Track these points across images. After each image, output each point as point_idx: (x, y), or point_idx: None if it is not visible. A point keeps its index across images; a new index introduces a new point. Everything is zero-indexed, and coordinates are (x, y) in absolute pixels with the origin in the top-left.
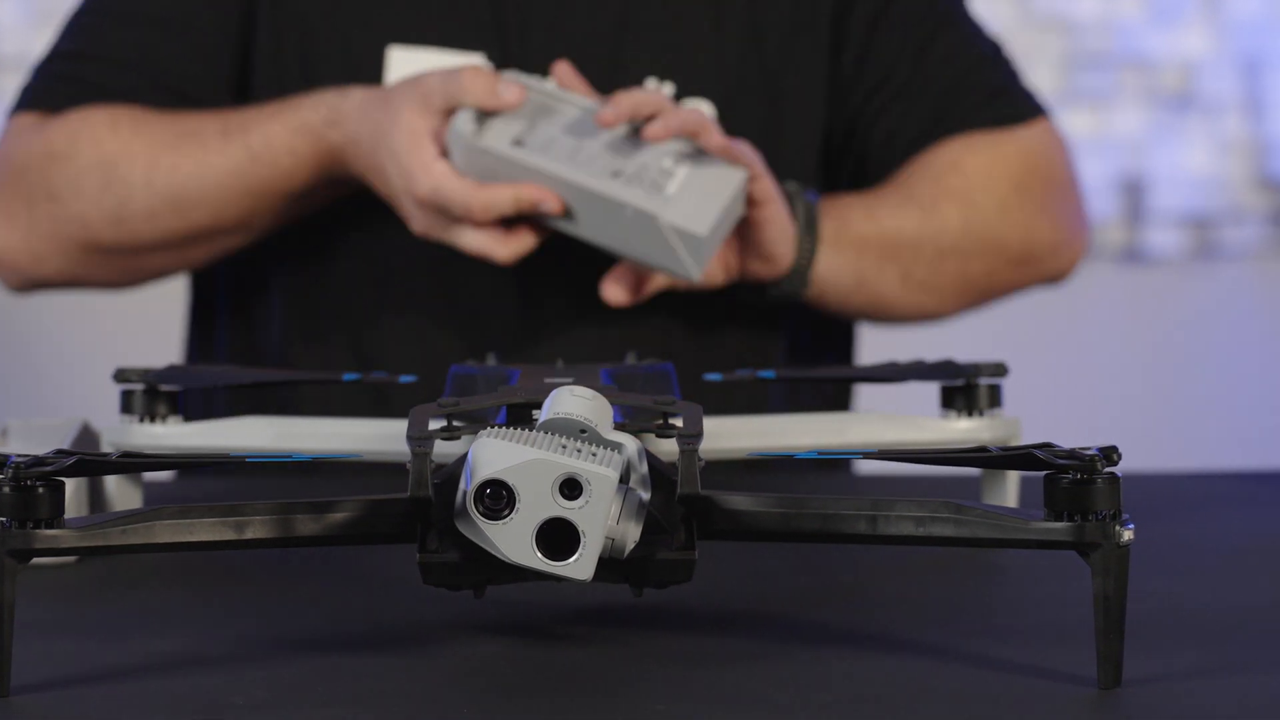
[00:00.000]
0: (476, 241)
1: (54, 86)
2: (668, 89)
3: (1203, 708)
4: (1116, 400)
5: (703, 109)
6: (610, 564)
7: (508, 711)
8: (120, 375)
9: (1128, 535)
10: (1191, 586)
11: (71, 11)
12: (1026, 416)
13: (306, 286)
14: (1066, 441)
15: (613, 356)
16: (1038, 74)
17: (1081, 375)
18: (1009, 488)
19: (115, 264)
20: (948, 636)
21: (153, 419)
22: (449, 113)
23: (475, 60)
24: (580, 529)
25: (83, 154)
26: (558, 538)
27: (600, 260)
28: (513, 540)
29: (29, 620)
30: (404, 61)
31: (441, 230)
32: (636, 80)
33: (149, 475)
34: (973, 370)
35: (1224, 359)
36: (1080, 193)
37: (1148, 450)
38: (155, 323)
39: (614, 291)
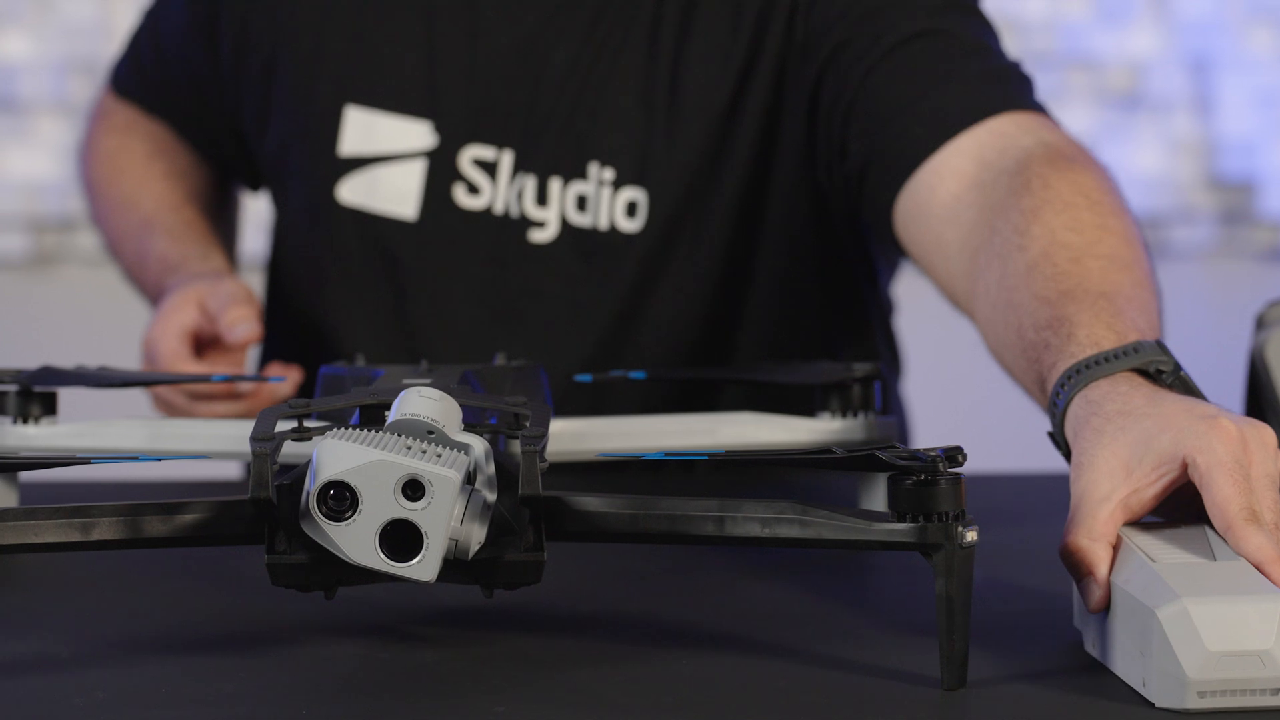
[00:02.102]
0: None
1: (135, 70)
2: (607, 174)
3: (1044, 709)
4: None
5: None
6: (459, 565)
7: (350, 712)
8: None
9: (971, 536)
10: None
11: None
12: (979, 415)
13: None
14: (1026, 441)
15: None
16: None
17: None
18: (882, 490)
19: None
20: (801, 637)
21: (25, 420)
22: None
23: (422, 127)
24: (423, 530)
25: (105, 160)
26: (401, 539)
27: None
28: (356, 541)
29: None
30: (358, 122)
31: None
32: (579, 162)
33: (33, 477)
34: (848, 371)
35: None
36: None
37: None
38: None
39: None
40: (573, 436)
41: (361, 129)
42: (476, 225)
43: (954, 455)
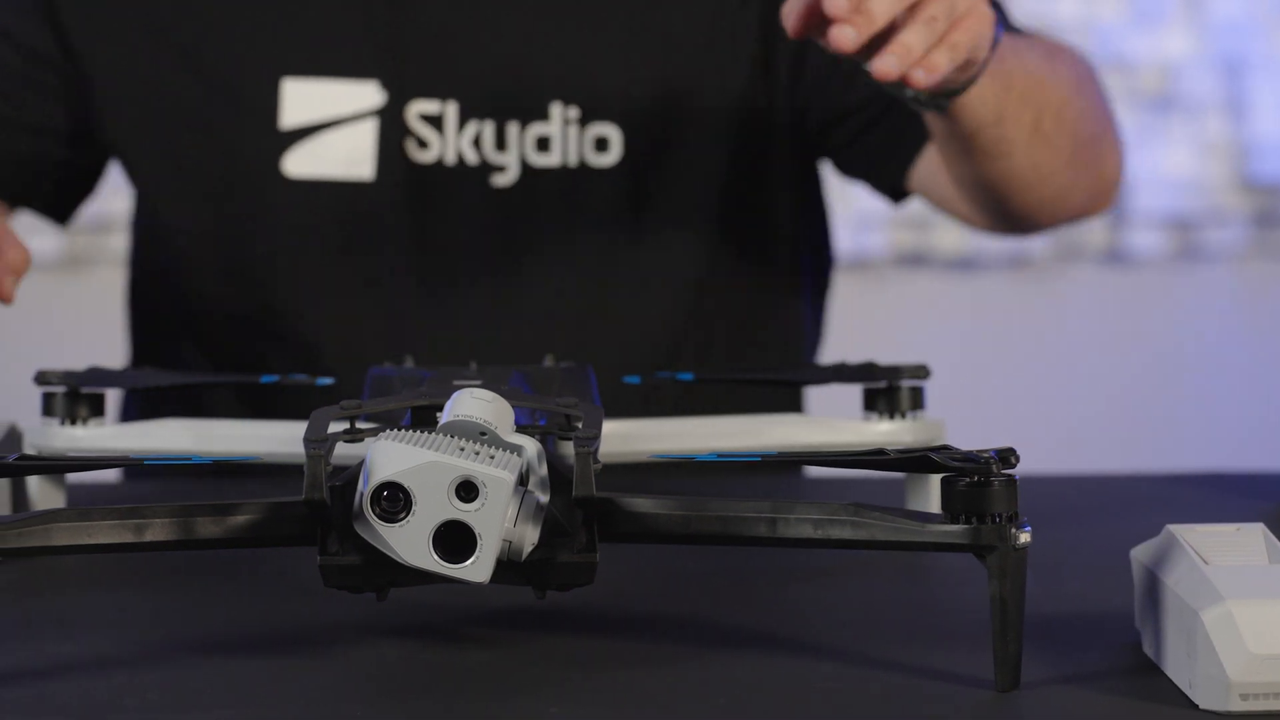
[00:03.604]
0: None
1: None
2: (573, 113)
3: (1097, 710)
4: (1098, 402)
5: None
6: (511, 566)
7: (402, 714)
8: (41, 378)
9: (1025, 538)
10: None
11: None
12: (1008, 417)
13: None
14: (1050, 444)
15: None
16: None
17: (1063, 377)
18: (932, 492)
19: None
20: (850, 638)
21: (73, 421)
22: None
23: (369, 89)
24: (476, 531)
25: None
26: (455, 540)
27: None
28: (409, 543)
29: None
30: (298, 93)
31: None
32: (539, 103)
33: (87, 477)
34: (894, 372)
35: (1206, 360)
36: None
37: (1129, 451)
38: (90, 322)
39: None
40: (621, 438)
41: (301, 99)
42: (431, 177)
43: (1007, 457)
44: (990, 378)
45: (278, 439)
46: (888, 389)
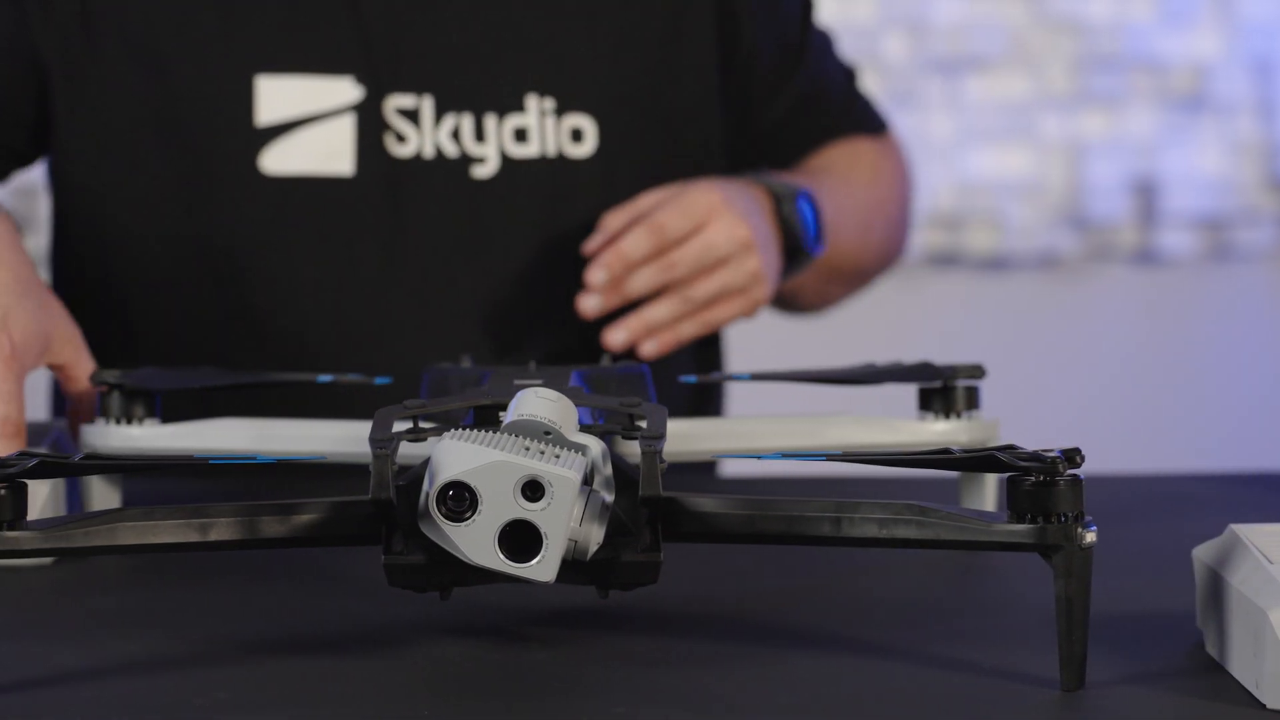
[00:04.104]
0: None
1: None
2: (548, 104)
3: (1162, 710)
4: (1130, 401)
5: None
6: (575, 566)
7: (468, 713)
8: (96, 377)
9: (1090, 537)
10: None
11: None
12: (1039, 417)
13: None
14: (1083, 443)
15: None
16: (1050, 76)
17: (1095, 376)
18: (987, 491)
19: None
20: (915, 638)
21: (129, 421)
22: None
23: (345, 82)
24: (543, 531)
25: None
26: (521, 539)
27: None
28: (475, 542)
29: None
30: (272, 90)
31: None
32: (515, 95)
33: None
34: (950, 372)
35: (1237, 360)
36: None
37: (1160, 451)
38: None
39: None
40: (681, 438)
41: (277, 96)
42: (410, 171)
43: (1072, 456)
44: (1021, 377)
45: (334, 438)
46: (943, 389)
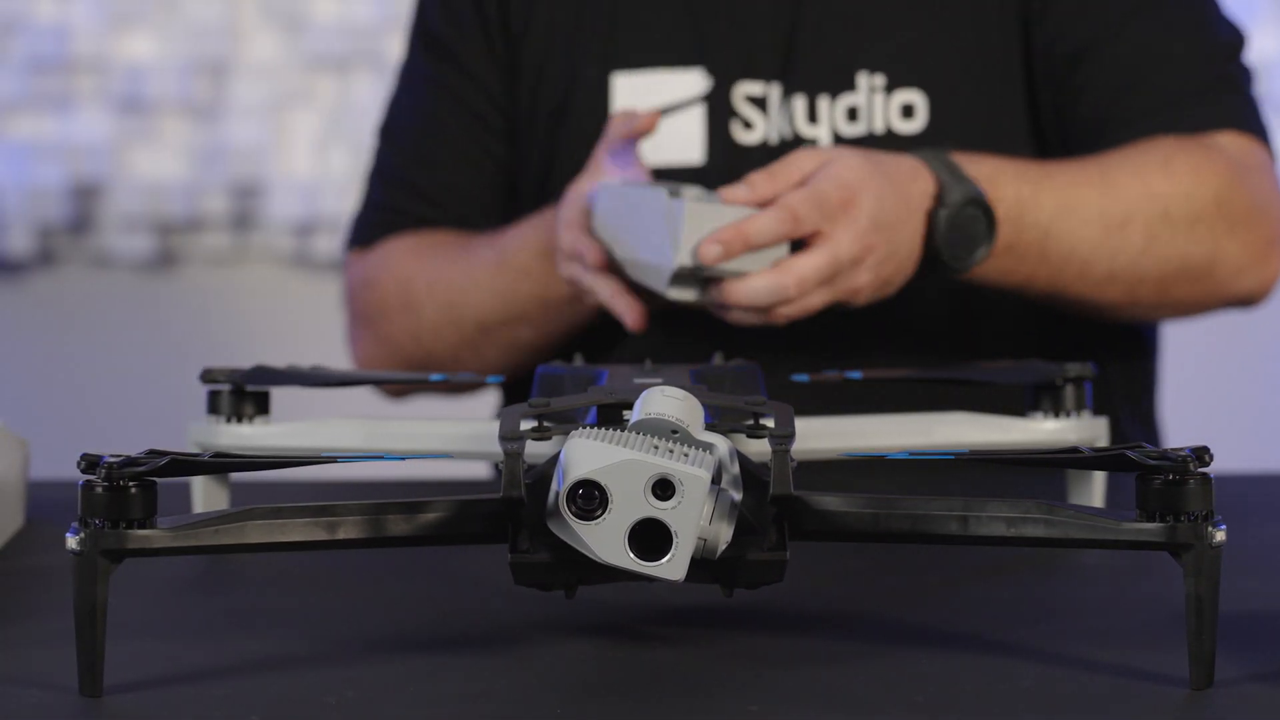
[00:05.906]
0: (605, 297)
1: (367, 221)
2: (879, 80)
3: None
4: (1256, 399)
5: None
6: (701, 564)
7: (599, 713)
8: (207, 376)
9: (1220, 536)
10: None
11: (376, 146)
12: (1186, 413)
13: None
14: (1176, 440)
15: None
16: None
17: (1219, 372)
18: (1095, 488)
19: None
20: (1037, 637)
21: (239, 419)
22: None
23: (694, 76)
24: (673, 529)
25: (387, 278)
26: (650, 538)
27: None
28: (605, 541)
29: (121, 620)
30: (628, 87)
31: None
32: (846, 74)
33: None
34: (1060, 371)
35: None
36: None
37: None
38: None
39: None
40: (800, 436)
41: (631, 93)
42: (755, 159)
43: (1202, 454)
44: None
45: (449, 437)
46: (1053, 387)
